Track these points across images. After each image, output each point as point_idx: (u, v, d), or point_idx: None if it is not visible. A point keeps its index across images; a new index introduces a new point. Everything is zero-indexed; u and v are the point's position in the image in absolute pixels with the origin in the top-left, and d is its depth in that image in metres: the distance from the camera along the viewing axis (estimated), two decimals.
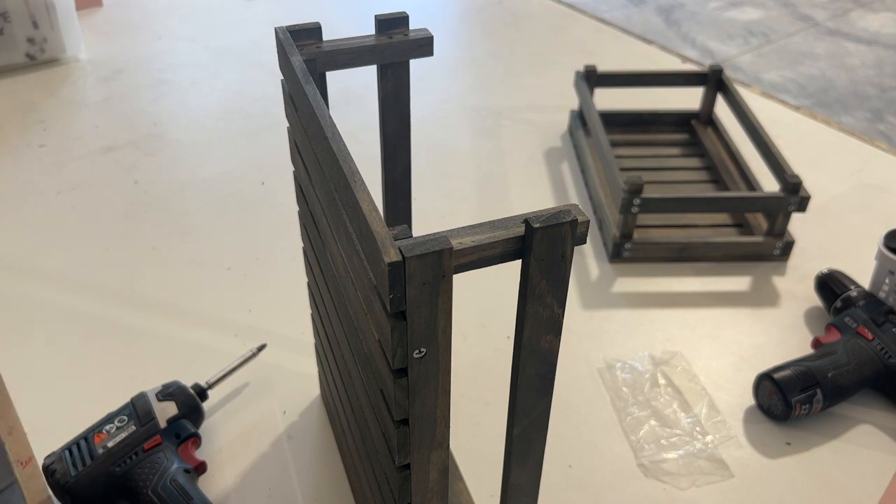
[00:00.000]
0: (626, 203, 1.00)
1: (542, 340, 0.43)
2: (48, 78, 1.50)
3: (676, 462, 0.79)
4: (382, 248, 0.36)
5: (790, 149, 1.25)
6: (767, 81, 1.88)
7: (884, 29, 2.18)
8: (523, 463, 0.51)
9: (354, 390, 0.57)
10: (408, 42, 0.60)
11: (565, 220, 0.38)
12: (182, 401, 0.77)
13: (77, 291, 1.00)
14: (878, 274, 0.91)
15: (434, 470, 0.47)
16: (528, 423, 0.48)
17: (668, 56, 1.63)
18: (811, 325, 0.96)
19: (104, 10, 1.81)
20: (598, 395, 0.87)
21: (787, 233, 1.05)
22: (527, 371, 0.45)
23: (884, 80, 1.89)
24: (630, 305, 0.99)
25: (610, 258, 1.06)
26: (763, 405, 0.85)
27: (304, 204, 0.63)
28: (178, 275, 1.03)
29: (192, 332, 0.94)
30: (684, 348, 0.92)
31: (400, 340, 0.39)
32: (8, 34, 1.46)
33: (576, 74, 1.30)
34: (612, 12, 2.20)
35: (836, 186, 1.21)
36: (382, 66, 0.61)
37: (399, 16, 0.60)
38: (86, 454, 0.72)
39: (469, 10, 1.88)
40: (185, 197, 1.18)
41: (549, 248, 0.39)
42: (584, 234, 0.40)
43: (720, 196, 1.04)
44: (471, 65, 1.59)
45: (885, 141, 1.59)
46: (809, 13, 2.28)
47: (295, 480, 0.77)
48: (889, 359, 0.83)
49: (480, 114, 1.41)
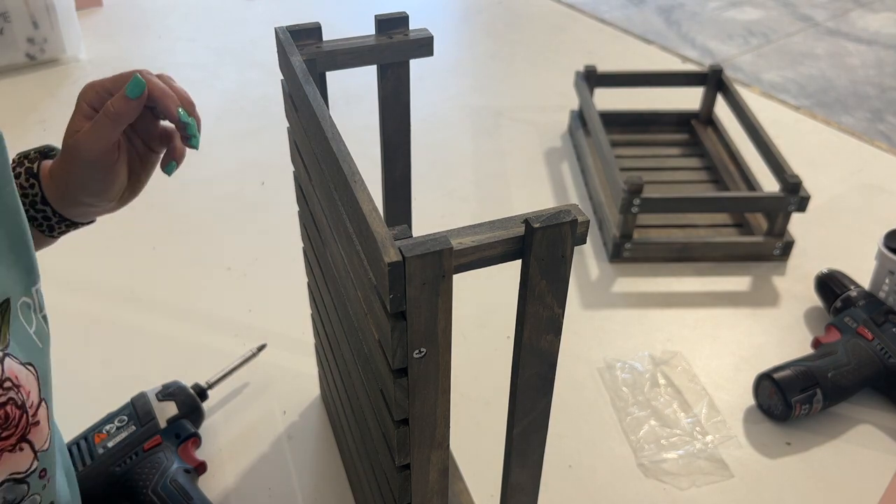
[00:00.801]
0: (626, 203, 1.00)
1: (542, 340, 0.43)
2: (48, 78, 1.50)
3: (676, 462, 0.79)
4: (382, 248, 0.36)
5: (790, 149, 1.25)
6: (767, 81, 1.88)
7: (884, 29, 2.18)
8: (523, 463, 0.51)
9: (354, 390, 0.57)
10: (408, 42, 0.60)
11: (565, 220, 0.38)
12: (182, 401, 0.77)
13: (77, 291, 1.00)
14: (878, 274, 0.91)
15: (434, 470, 0.47)
16: (528, 423, 0.48)
17: (668, 56, 1.63)
18: (811, 325, 0.96)
19: (104, 9, 1.81)
20: (598, 395, 0.87)
21: (786, 233, 1.05)
22: (527, 371, 0.45)
23: (884, 80, 1.89)
24: (630, 305, 0.99)
25: (610, 258, 1.06)
26: (763, 405, 0.85)
27: (304, 204, 0.63)
28: (178, 275, 1.03)
29: (192, 332, 0.94)
30: (684, 348, 0.92)
31: (400, 340, 0.39)
32: (8, 34, 1.46)
33: (576, 74, 1.30)
34: (612, 12, 2.20)
35: (836, 186, 1.21)
36: (382, 67, 0.61)
37: (399, 16, 0.60)
38: (86, 454, 0.72)
39: (469, 10, 1.88)
40: (185, 197, 1.18)
41: (549, 248, 0.39)
42: (584, 234, 0.40)
43: (720, 196, 1.04)
44: (471, 65, 1.59)
45: (885, 141, 1.59)
46: (809, 13, 2.28)
47: (295, 480, 0.77)
48: (889, 359, 0.83)
49: (480, 114, 1.41)
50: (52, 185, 0.57)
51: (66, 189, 0.56)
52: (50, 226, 0.58)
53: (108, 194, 0.57)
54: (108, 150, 0.54)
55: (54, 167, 0.56)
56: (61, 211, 0.58)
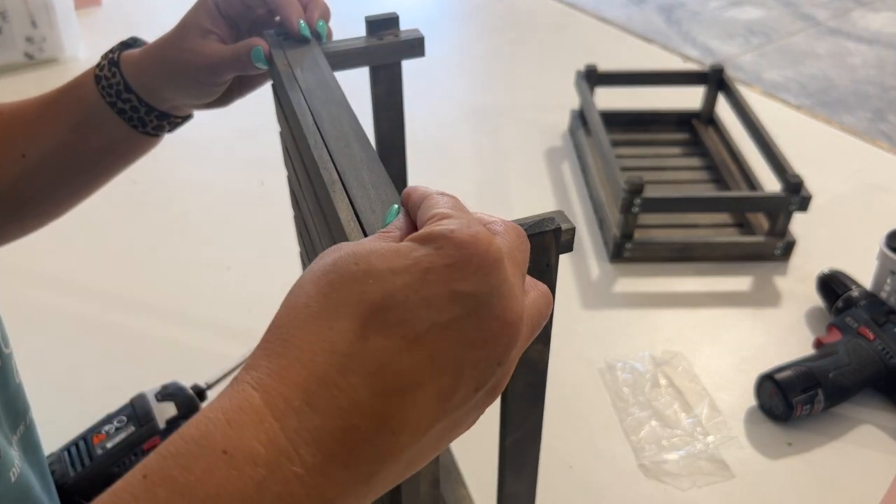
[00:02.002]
0: (627, 203, 1.00)
1: (531, 350, 0.42)
2: (47, 77, 1.50)
3: (677, 462, 0.79)
4: None
5: (791, 148, 1.25)
6: (768, 81, 1.88)
7: (885, 28, 2.17)
8: (518, 473, 0.50)
9: None
10: (398, 43, 0.59)
11: (548, 228, 0.37)
12: (181, 401, 0.77)
13: (76, 292, 1.00)
14: (880, 274, 0.91)
15: (424, 482, 0.46)
16: (520, 434, 0.47)
17: (668, 55, 1.63)
18: (812, 326, 0.96)
19: (103, 9, 1.80)
20: (599, 396, 0.86)
21: (788, 233, 1.05)
22: (517, 381, 0.44)
23: (885, 79, 1.89)
24: (630, 305, 0.99)
25: (610, 258, 1.06)
26: (764, 405, 0.84)
27: (297, 209, 0.63)
28: (178, 275, 1.03)
29: (192, 332, 0.94)
30: (685, 348, 0.92)
31: None
32: (7, 33, 1.46)
33: (576, 74, 1.30)
34: (613, 11, 2.20)
35: (838, 186, 1.21)
36: (374, 68, 0.60)
37: (389, 16, 0.59)
38: (85, 455, 0.72)
39: (469, 10, 1.87)
40: (185, 197, 1.18)
41: (533, 258, 0.37)
42: (570, 242, 0.38)
43: (721, 196, 1.04)
44: (471, 64, 1.59)
45: (886, 140, 1.59)
46: (810, 13, 2.27)
47: None
48: (890, 359, 0.83)
49: (480, 114, 1.41)
50: (141, 74, 0.56)
51: (159, 83, 0.55)
52: (140, 118, 0.57)
53: (205, 100, 0.57)
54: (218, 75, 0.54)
55: (148, 58, 0.56)
56: (149, 101, 0.57)
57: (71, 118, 0.57)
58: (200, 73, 0.54)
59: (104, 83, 0.56)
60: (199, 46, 0.53)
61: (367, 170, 0.41)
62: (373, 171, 0.41)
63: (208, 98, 0.57)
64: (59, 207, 0.61)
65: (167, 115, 0.59)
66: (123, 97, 0.56)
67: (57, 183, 0.58)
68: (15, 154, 0.56)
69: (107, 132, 0.57)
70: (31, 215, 0.60)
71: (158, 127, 0.59)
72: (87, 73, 0.57)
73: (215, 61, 0.53)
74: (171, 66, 0.54)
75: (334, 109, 0.47)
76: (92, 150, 0.58)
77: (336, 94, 0.49)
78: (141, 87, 0.56)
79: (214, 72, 0.53)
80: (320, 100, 0.48)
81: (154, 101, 0.57)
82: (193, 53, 0.53)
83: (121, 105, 0.56)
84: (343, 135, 0.44)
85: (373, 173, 0.41)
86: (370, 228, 0.37)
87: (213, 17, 0.54)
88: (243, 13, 0.56)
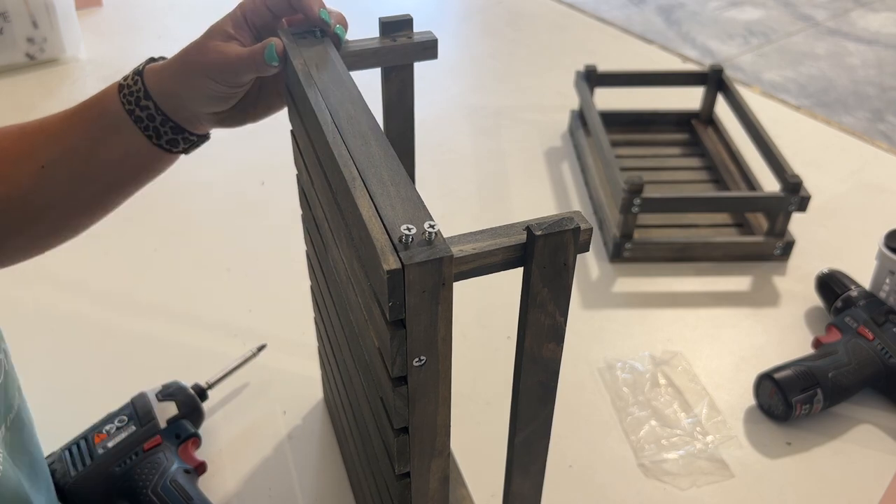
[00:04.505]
0: (627, 203, 1.00)
1: (544, 349, 0.43)
2: (48, 78, 1.50)
3: (677, 462, 0.79)
4: (382, 255, 0.36)
5: (790, 149, 1.25)
6: (768, 81, 1.88)
7: (884, 29, 2.17)
8: (525, 472, 0.50)
9: (356, 396, 0.57)
10: (412, 45, 0.59)
11: (568, 227, 0.38)
12: (182, 401, 0.77)
13: (77, 293, 1.00)
14: (879, 274, 0.91)
15: (434, 479, 0.46)
16: (530, 431, 0.48)
17: (668, 56, 1.63)
18: (812, 325, 0.96)
19: (104, 9, 1.80)
20: (599, 395, 0.87)
21: (787, 232, 1.05)
22: (528, 379, 0.44)
23: (884, 79, 1.89)
24: (630, 305, 0.99)
25: (610, 258, 1.06)
26: (763, 405, 0.85)
27: (307, 208, 0.63)
28: (179, 276, 1.03)
29: (192, 332, 0.94)
30: (684, 348, 0.92)
31: (399, 348, 0.39)
32: (7, 34, 1.46)
33: (576, 74, 1.30)
34: (613, 12, 2.20)
35: (837, 186, 1.21)
36: (386, 70, 0.61)
37: (403, 18, 0.59)
38: (86, 454, 0.72)
39: (469, 10, 1.87)
40: (185, 198, 1.18)
41: (551, 257, 0.39)
42: (587, 242, 0.39)
43: (720, 196, 1.04)
44: (471, 65, 1.59)
45: (885, 141, 1.59)
46: (810, 13, 2.27)
47: (296, 481, 0.77)
48: (890, 359, 0.84)
49: (480, 114, 1.41)
50: (161, 80, 0.57)
51: (176, 86, 0.56)
52: (155, 128, 0.58)
53: (220, 106, 0.57)
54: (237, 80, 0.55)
55: (171, 65, 0.57)
56: (166, 109, 0.57)
57: (90, 127, 0.58)
58: (216, 73, 0.54)
59: (125, 91, 0.57)
60: (219, 48, 0.55)
61: (386, 168, 0.42)
62: (392, 168, 0.42)
63: (223, 105, 0.57)
64: (69, 221, 0.61)
65: (182, 130, 0.59)
66: (142, 104, 0.57)
67: (68, 193, 0.58)
68: (34, 166, 0.57)
69: (121, 141, 0.58)
70: (43, 231, 0.61)
71: (172, 141, 0.59)
72: (113, 84, 0.58)
73: (232, 60, 0.54)
74: (190, 68, 0.55)
75: (351, 108, 0.47)
76: (105, 159, 0.58)
77: (353, 92, 0.49)
78: (159, 92, 0.57)
79: (230, 71, 0.54)
80: (337, 98, 0.48)
81: (170, 108, 0.57)
82: (214, 53, 0.54)
83: (138, 112, 0.57)
84: (361, 133, 0.45)
85: (392, 171, 0.42)
86: (391, 225, 0.37)
87: (239, 25, 0.56)
88: (269, 23, 0.57)
